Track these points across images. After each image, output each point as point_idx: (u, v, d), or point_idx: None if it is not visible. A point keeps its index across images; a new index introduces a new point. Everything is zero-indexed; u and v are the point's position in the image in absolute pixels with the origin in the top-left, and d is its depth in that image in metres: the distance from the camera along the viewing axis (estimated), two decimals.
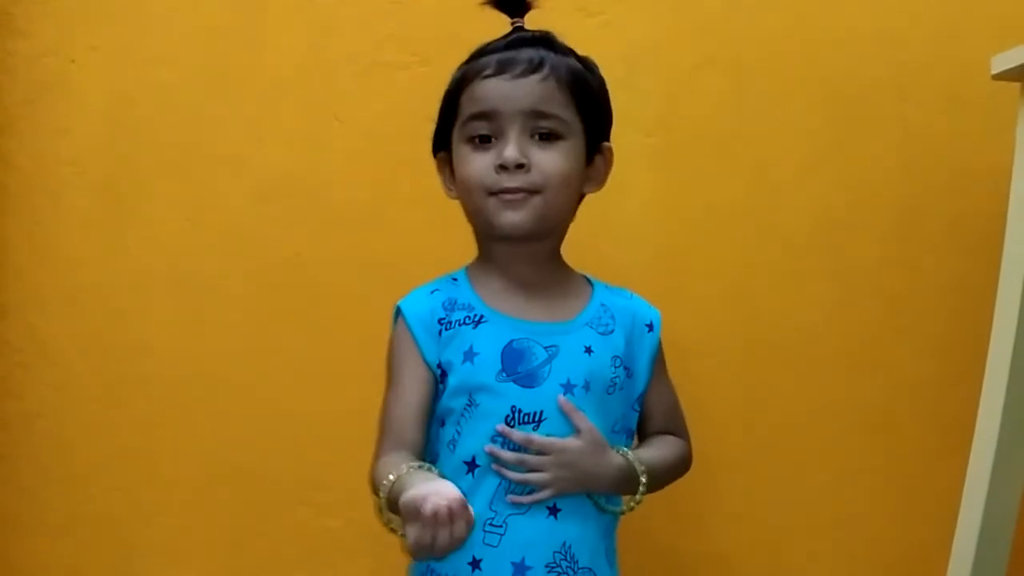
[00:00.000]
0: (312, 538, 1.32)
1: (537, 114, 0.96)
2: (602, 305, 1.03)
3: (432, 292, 1.00)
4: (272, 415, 1.31)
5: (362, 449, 1.29)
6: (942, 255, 1.34)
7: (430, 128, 1.13)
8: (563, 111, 0.97)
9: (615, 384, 1.00)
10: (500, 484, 0.94)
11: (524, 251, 1.00)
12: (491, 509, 0.94)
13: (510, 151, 0.94)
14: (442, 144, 1.03)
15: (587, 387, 0.97)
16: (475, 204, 0.98)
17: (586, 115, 1.00)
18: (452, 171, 1.02)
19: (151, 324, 1.30)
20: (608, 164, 1.04)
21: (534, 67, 0.96)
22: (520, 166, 0.95)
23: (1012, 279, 1.11)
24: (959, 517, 1.16)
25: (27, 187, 1.28)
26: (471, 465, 0.95)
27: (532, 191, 0.96)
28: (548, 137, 0.97)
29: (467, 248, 1.07)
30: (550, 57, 0.98)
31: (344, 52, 1.29)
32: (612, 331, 1.01)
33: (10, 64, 1.26)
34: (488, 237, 1.01)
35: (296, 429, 1.31)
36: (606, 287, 1.06)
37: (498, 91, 0.95)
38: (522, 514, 0.94)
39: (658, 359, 1.06)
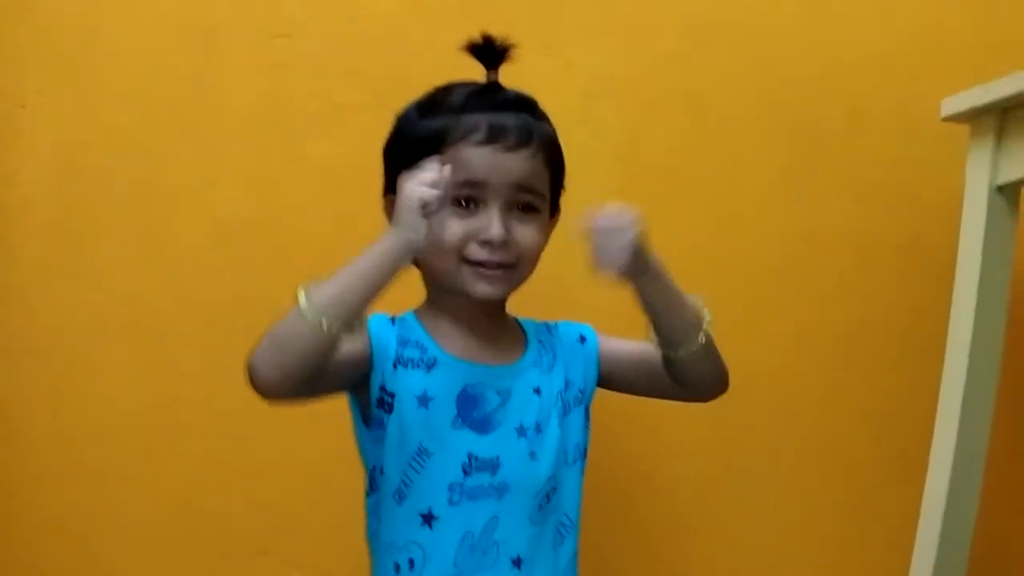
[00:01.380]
0: None
1: (522, 188, 0.95)
2: (539, 342, 1.03)
3: (391, 321, 0.98)
4: (233, 461, 1.29)
5: (326, 496, 1.29)
6: (895, 287, 1.37)
7: None
8: (543, 186, 0.98)
9: (565, 414, 1.00)
10: (464, 538, 0.93)
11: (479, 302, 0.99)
12: (455, 566, 0.92)
13: (496, 229, 0.93)
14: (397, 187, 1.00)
15: (538, 428, 0.97)
16: (444, 266, 0.96)
17: (555, 185, 1.01)
18: None
19: (108, 370, 1.28)
20: (555, 225, 1.05)
21: (524, 140, 0.95)
22: (504, 243, 0.94)
23: (964, 309, 1.14)
24: (915, 545, 1.18)
25: None
26: (428, 517, 0.93)
27: (509, 266, 0.96)
28: (527, 209, 0.96)
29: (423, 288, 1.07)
30: (536, 128, 0.97)
31: (301, 92, 1.28)
32: (553, 366, 1.02)
33: None
34: (446, 291, 0.99)
35: (257, 475, 1.29)
36: (533, 323, 1.06)
37: (488, 162, 0.94)
38: (487, 569, 0.93)
39: (607, 345, 1.06)
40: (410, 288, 0.99)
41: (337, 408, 1.02)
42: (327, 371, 0.88)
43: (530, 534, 0.95)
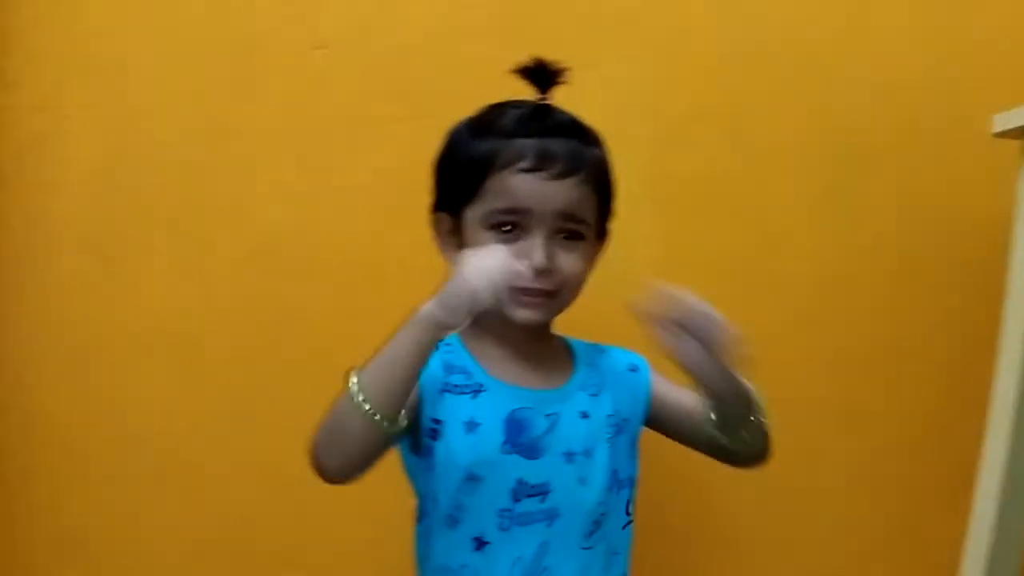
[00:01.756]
0: None
1: (567, 216, 0.94)
2: (588, 365, 1.02)
3: (437, 348, 0.96)
4: (268, 474, 1.29)
5: (358, 512, 1.29)
6: (941, 305, 1.34)
7: (427, 182, 1.11)
8: (589, 214, 0.96)
9: (613, 439, 0.99)
10: (515, 563, 0.92)
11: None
12: None
13: (539, 257, 0.92)
14: (446, 206, 0.99)
15: (587, 454, 0.96)
16: None
17: (603, 211, 1.00)
18: (455, 235, 0.98)
19: (146, 380, 1.28)
20: (604, 248, 1.03)
21: (572, 168, 0.93)
22: (546, 271, 0.93)
23: (1014, 329, 1.11)
24: (962, 567, 1.15)
25: (18, 245, 1.26)
26: (479, 542, 0.92)
27: (551, 293, 0.95)
28: (571, 237, 0.95)
29: None
30: (586, 155, 0.96)
31: (339, 105, 1.28)
32: (600, 391, 1.00)
33: (2, 119, 1.25)
34: (490, 313, 0.95)
35: (293, 488, 1.28)
36: (584, 345, 1.05)
37: (534, 189, 0.92)
38: None
39: (659, 382, 1.04)
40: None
41: None
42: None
43: (580, 560, 0.95)
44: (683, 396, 1.01)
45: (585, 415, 0.97)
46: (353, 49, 1.28)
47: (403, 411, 0.85)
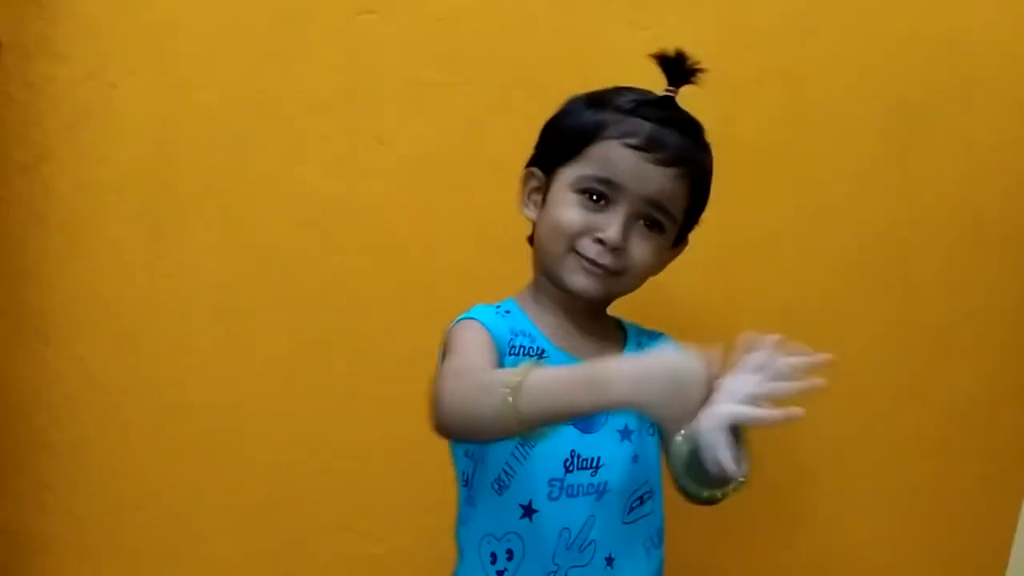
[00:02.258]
0: (356, 564, 1.32)
1: (655, 204, 0.94)
2: (638, 346, 1.02)
3: (497, 312, 0.97)
4: (316, 441, 1.30)
5: (406, 474, 1.29)
6: (1003, 274, 1.31)
7: (477, 149, 1.09)
8: (677, 210, 0.96)
9: (654, 423, 0.98)
10: (562, 534, 0.92)
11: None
12: (554, 563, 0.92)
13: (614, 232, 0.92)
14: (542, 164, 0.99)
15: (640, 432, 0.96)
16: (553, 248, 0.95)
17: (690, 215, 0.99)
18: (540, 194, 0.98)
19: (194, 351, 1.28)
20: (678, 255, 1.03)
21: (676, 160, 0.93)
22: (616, 248, 0.93)
23: None
24: (1014, 543, 1.13)
25: (68, 215, 1.26)
26: (528, 509, 0.92)
27: (614, 272, 0.94)
28: (652, 226, 0.95)
29: (512, 273, 1.04)
30: (694, 154, 0.96)
31: (387, 72, 1.25)
32: None
33: (50, 89, 1.24)
34: (549, 278, 0.98)
35: (340, 455, 1.30)
36: (637, 327, 1.05)
37: (633, 167, 0.92)
38: (584, 566, 0.92)
39: None
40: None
41: (417, 391, 1.01)
42: None
43: (623, 535, 0.95)
44: None
45: None
46: (401, 14, 1.25)
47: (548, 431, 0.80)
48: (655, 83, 1.02)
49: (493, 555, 0.93)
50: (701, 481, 0.82)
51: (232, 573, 1.31)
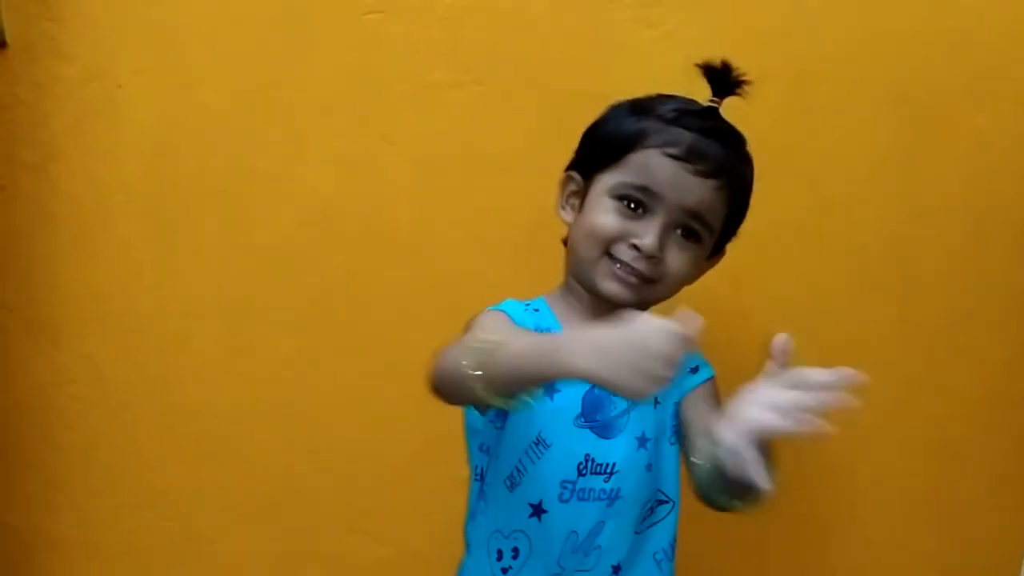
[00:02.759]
0: (363, 566, 1.32)
1: (693, 215, 0.93)
2: None
3: (526, 309, 0.97)
4: (323, 441, 1.30)
5: (412, 475, 1.29)
6: (1013, 270, 1.29)
7: (483, 148, 1.09)
8: (715, 221, 0.95)
9: (676, 431, 0.98)
10: (569, 537, 0.92)
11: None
12: (558, 565, 0.92)
13: (650, 240, 0.91)
14: (582, 168, 0.98)
15: (656, 440, 0.96)
16: (588, 253, 0.94)
17: (728, 226, 0.98)
18: (578, 198, 0.98)
19: (202, 350, 1.29)
20: (714, 265, 1.02)
21: (717, 171, 0.93)
22: (652, 257, 0.92)
23: None
24: None
25: (76, 215, 1.26)
26: (537, 509, 0.92)
27: (648, 279, 0.93)
28: (689, 236, 0.94)
29: (520, 272, 1.04)
30: (735, 166, 0.96)
31: (394, 71, 1.25)
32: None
33: (57, 89, 1.24)
34: (581, 282, 0.97)
35: (347, 455, 1.30)
36: None
37: (673, 177, 0.91)
38: (588, 571, 0.92)
39: (705, 399, 0.99)
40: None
41: (424, 392, 1.01)
42: None
43: (632, 543, 0.94)
44: (702, 418, 0.96)
45: (656, 401, 0.96)
46: (408, 13, 1.24)
47: (516, 400, 0.80)
48: (665, 82, 1.02)
49: (500, 552, 0.93)
50: (726, 492, 0.83)
51: (239, 573, 1.32)
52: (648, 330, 0.69)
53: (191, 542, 1.31)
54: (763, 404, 0.72)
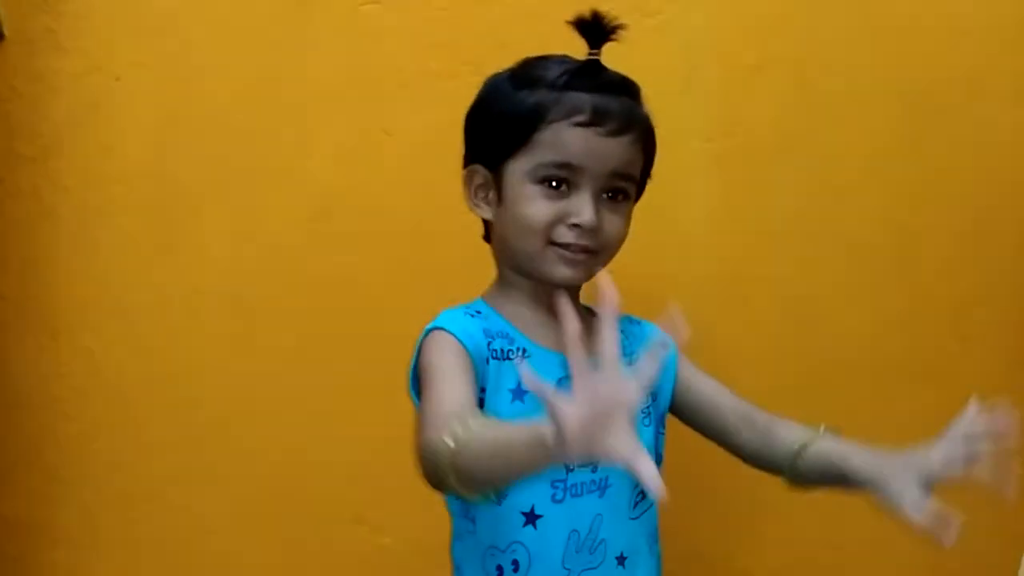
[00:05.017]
0: (367, 556, 1.31)
1: (618, 175, 0.92)
2: (621, 333, 0.97)
3: (469, 315, 0.94)
4: (326, 433, 1.29)
5: (415, 466, 1.28)
6: (1015, 259, 1.29)
7: None
8: (636, 172, 0.94)
9: (648, 414, 0.96)
10: (571, 536, 0.90)
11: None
12: (564, 567, 0.89)
13: (588, 215, 0.89)
14: (483, 159, 0.95)
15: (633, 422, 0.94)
16: (529, 246, 0.92)
17: (645, 172, 0.97)
18: (490, 191, 0.95)
19: (203, 343, 1.28)
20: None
21: (626, 126, 0.91)
22: (593, 230, 0.90)
23: None
24: None
25: (76, 208, 1.26)
26: (531, 516, 0.89)
27: (593, 251, 0.92)
28: (617, 196, 0.93)
29: None
30: (638, 114, 0.94)
31: (392, 62, 1.25)
32: (635, 359, 0.96)
33: (55, 82, 1.24)
34: (523, 275, 0.95)
35: (350, 447, 1.29)
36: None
37: (589, 145, 0.89)
38: (596, 568, 0.90)
39: (686, 366, 1.01)
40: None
41: None
42: None
43: (630, 530, 0.93)
44: (712, 385, 0.99)
45: None
46: (405, 4, 1.24)
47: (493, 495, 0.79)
48: (662, 71, 1.01)
49: (499, 568, 0.90)
50: (816, 481, 0.95)
51: (241, 565, 1.31)
52: (620, 396, 0.63)
53: (192, 535, 1.30)
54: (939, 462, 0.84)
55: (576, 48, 1.22)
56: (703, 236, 1.27)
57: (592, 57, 0.93)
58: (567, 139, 0.89)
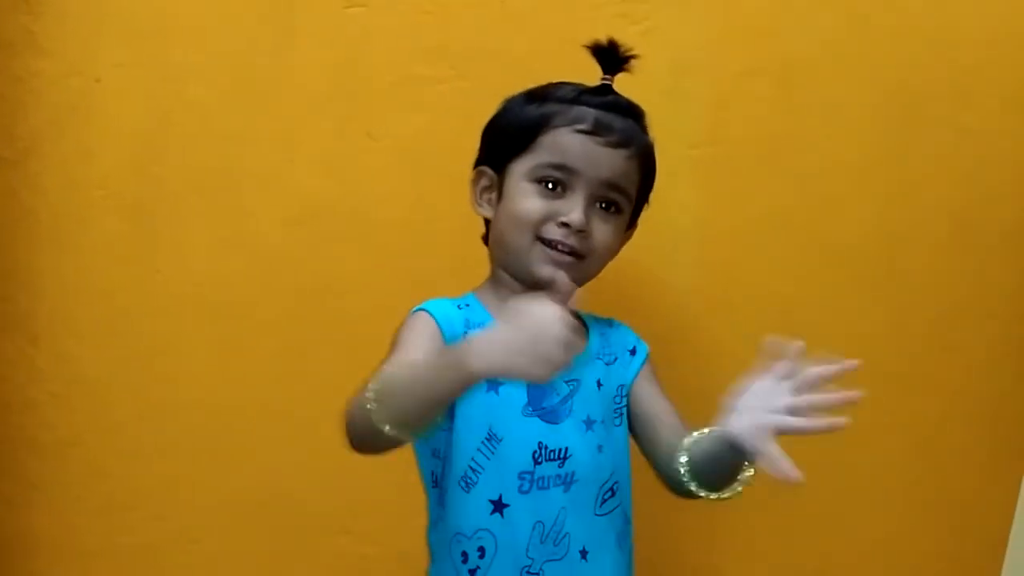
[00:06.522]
0: (350, 566, 1.31)
1: (611, 186, 0.96)
2: (600, 335, 1.03)
3: (456, 306, 0.98)
4: (309, 441, 1.28)
5: (402, 476, 1.27)
6: (999, 267, 1.30)
7: (469, 144, 1.08)
8: (632, 189, 0.99)
9: (620, 414, 0.99)
10: (535, 527, 0.92)
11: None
12: (527, 556, 0.92)
13: (577, 215, 0.94)
14: (491, 162, 1.00)
15: (603, 422, 0.97)
16: (518, 240, 0.96)
17: (641, 196, 1.01)
18: (493, 191, 1.00)
19: (184, 349, 1.27)
20: (629, 239, 1.05)
21: (626, 141, 0.95)
22: (581, 231, 0.94)
23: None
24: (1010, 538, 1.13)
25: (55, 212, 1.25)
26: (498, 504, 0.92)
27: (580, 255, 0.95)
28: (610, 208, 0.97)
29: None
30: (639, 136, 0.98)
31: (377, 66, 1.24)
32: (615, 360, 1.01)
33: (34, 85, 1.23)
34: (512, 273, 0.99)
35: (333, 456, 1.26)
36: (592, 316, 1.05)
37: (586, 151, 0.94)
38: (559, 560, 0.92)
39: (646, 376, 1.02)
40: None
41: None
42: None
43: (596, 527, 0.95)
44: (658, 406, 1.00)
45: (599, 384, 0.98)
46: (391, 7, 1.24)
47: (424, 429, 0.83)
48: (649, 78, 1.02)
49: (464, 554, 0.93)
50: (706, 483, 0.88)
51: (223, 573, 1.30)
52: (539, 316, 0.75)
53: (175, 544, 1.29)
54: (779, 408, 0.80)
55: (564, 54, 1.23)
56: (687, 241, 1.27)
57: (604, 82, 0.98)
58: (567, 143, 0.94)
